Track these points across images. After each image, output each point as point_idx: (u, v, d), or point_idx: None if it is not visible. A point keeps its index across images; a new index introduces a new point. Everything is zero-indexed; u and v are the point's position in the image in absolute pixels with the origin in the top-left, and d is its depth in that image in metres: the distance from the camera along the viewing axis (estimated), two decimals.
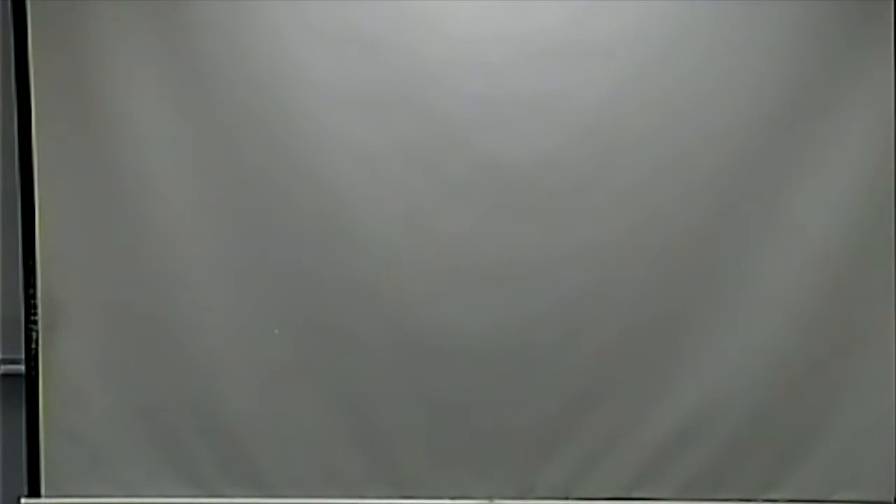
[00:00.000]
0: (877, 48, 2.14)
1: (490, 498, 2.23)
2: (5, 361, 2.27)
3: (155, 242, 2.19)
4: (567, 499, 2.23)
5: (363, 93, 2.15)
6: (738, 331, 2.18)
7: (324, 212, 2.17)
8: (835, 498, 2.21)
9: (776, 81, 2.15)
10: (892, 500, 2.21)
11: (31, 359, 2.20)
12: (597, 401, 2.21)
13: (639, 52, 2.15)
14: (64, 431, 2.21)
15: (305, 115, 2.15)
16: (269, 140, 2.17)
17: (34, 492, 2.22)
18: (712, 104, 2.15)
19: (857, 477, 2.21)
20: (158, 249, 2.19)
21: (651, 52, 2.15)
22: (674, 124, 2.16)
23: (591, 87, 2.15)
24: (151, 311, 2.20)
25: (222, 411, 2.21)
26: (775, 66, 2.14)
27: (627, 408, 2.21)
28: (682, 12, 2.14)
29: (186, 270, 2.19)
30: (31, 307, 2.20)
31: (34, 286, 2.19)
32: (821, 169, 2.15)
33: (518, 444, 2.22)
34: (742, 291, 2.18)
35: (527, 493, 2.23)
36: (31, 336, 2.20)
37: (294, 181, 2.17)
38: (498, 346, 2.19)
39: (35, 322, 2.20)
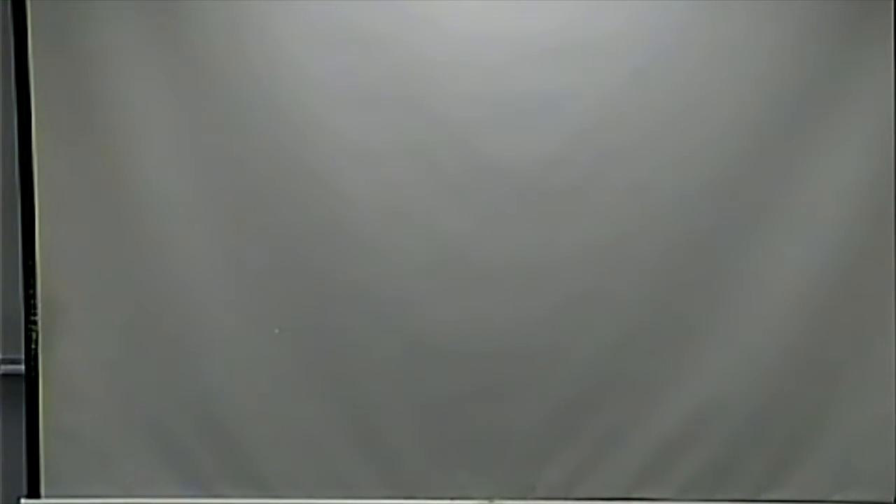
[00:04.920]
0: (877, 47, 2.14)
1: (490, 498, 2.23)
2: (5, 361, 2.27)
3: (155, 243, 2.19)
4: (567, 499, 2.23)
5: (363, 92, 2.15)
6: (739, 331, 2.18)
7: (323, 211, 2.17)
8: (835, 498, 2.21)
9: (776, 82, 2.15)
10: (893, 501, 2.20)
11: (31, 359, 2.20)
12: (597, 401, 2.21)
13: (639, 51, 2.15)
14: (64, 432, 2.21)
15: (306, 115, 2.16)
16: (270, 140, 2.17)
17: (34, 492, 2.22)
18: (713, 104, 2.15)
19: (857, 477, 2.21)
20: (158, 250, 2.19)
21: (651, 51, 2.15)
22: (674, 124, 2.16)
23: (591, 87, 2.15)
24: (151, 311, 2.20)
25: (222, 411, 2.21)
26: (775, 67, 2.15)
27: (627, 408, 2.21)
28: (682, 12, 2.14)
29: (186, 270, 2.19)
30: (31, 307, 2.20)
31: (34, 286, 2.19)
32: (821, 169, 2.15)
33: (518, 444, 2.22)
34: (742, 291, 2.18)
35: (527, 493, 2.23)
36: (31, 336, 2.20)
37: (294, 181, 2.17)
38: (498, 346, 2.19)
39: (35, 322, 2.20)
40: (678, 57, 2.15)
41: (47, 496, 2.22)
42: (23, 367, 2.21)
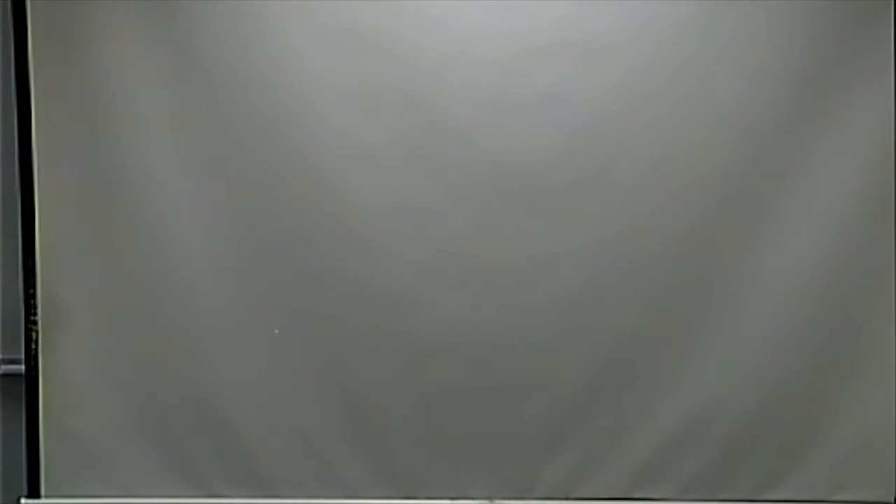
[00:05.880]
0: (877, 48, 2.14)
1: (490, 498, 2.23)
2: (5, 361, 2.27)
3: (155, 242, 2.19)
4: (567, 499, 2.23)
5: (364, 91, 2.15)
6: (739, 330, 2.18)
7: (324, 210, 2.17)
8: (835, 498, 2.21)
9: (776, 80, 2.14)
10: (893, 501, 2.20)
11: (31, 359, 2.20)
12: (597, 401, 2.21)
13: (639, 50, 2.14)
14: (64, 431, 2.21)
15: (306, 114, 2.15)
16: (270, 139, 2.17)
17: (34, 492, 2.22)
18: (712, 102, 2.15)
19: (858, 477, 2.21)
20: (159, 249, 2.19)
21: (651, 50, 2.14)
22: (674, 123, 2.16)
23: (591, 86, 2.15)
24: (151, 310, 2.20)
25: (222, 411, 2.21)
26: (775, 65, 2.14)
27: (627, 408, 2.21)
28: (682, 10, 2.14)
29: (187, 270, 2.19)
30: (31, 307, 2.20)
31: (34, 286, 2.19)
32: (820, 168, 2.15)
33: (518, 444, 2.22)
34: (742, 291, 2.18)
35: (527, 493, 2.23)
36: (31, 336, 2.20)
37: (295, 180, 2.17)
38: (498, 346, 2.19)
39: (35, 322, 2.20)
40: (678, 55, 2.15)
41: (47, 496, 2.22)
42: (23, 367, 2.22)
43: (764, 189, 2.16)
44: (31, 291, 2.20)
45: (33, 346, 2.20)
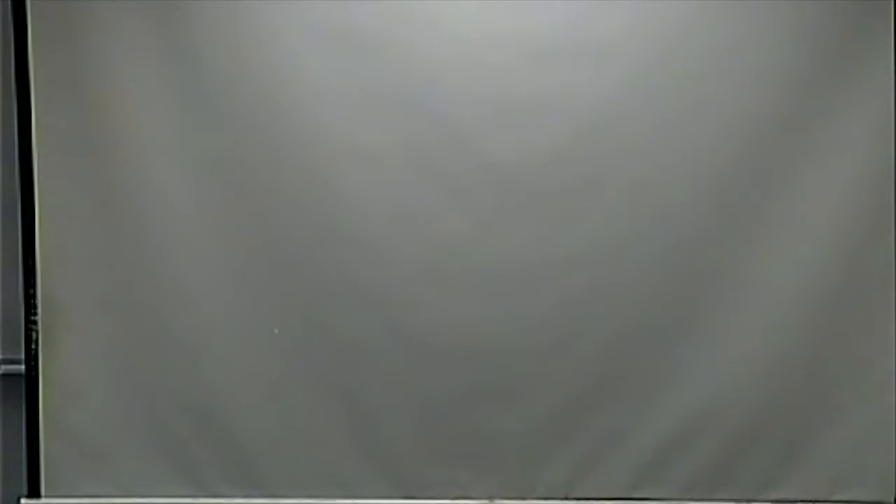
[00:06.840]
0: (877, 48, 2.14)
1: (490, 498, 2.23)
2: (5, 361, 2.27)
3: (155, 242, 2.19)
4: (567, 499, 2.23)
5: (364, 92, 2.15)
6: (739, 330, 2.18)
7: (324, 211, 2.17)
8: (835, 498, 2.21)
9: (777, 81, 2.14)
10: (892, 500, 2.21)
11: (31, 359, 2.20)
12: (597, 401, 2.21)
13: (639, 52, 2.14)
14: (64, 431, 2.21)
15: (306, 115, 2.15)
16: (270, 140, 2.17)
17: (34, 492, 2.22)
18: (713, 104, 2.15)
19: (857, 477, 2.21)
20: (158, 249, 2.19)
21: (652, 52, 2.15)
22: (674, 124, 2.16)
23: (591, 87, 2.15)
24: (151, 311, 2.20)
25: (222, 411, 2.21)
26: (776, 66, 2.14)
27: (627, 408, 2.21)
28: (682, 12, 2.14)
29: (186, 270, 2.19)
30: (31, 307, 2.20)
31: (34, 286, 2.19)
32: (821, 169, 2.15)
33: (518, 444, 2.22)
34: (743, 291, 2.18)
35: (527, 493, 2.23)
36: (31, 336, 2.20)
37: (294, 181, 2.17)
38: (498, 346, 2.19)
39: (35, 322, 2.20)
40: (678, 57, 2.15)
41: (47, 496, 2.22)
42: (23, 367, 2.21)
43: (764, 191, 2.16)
44: (31, 291, 2.20)
45: (33, 346, 2.20)
